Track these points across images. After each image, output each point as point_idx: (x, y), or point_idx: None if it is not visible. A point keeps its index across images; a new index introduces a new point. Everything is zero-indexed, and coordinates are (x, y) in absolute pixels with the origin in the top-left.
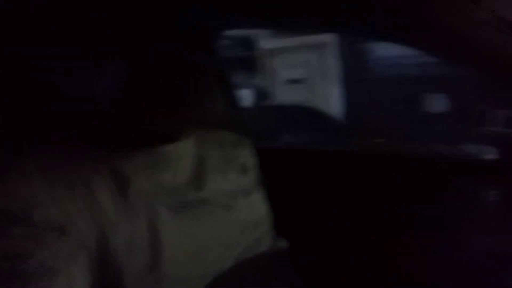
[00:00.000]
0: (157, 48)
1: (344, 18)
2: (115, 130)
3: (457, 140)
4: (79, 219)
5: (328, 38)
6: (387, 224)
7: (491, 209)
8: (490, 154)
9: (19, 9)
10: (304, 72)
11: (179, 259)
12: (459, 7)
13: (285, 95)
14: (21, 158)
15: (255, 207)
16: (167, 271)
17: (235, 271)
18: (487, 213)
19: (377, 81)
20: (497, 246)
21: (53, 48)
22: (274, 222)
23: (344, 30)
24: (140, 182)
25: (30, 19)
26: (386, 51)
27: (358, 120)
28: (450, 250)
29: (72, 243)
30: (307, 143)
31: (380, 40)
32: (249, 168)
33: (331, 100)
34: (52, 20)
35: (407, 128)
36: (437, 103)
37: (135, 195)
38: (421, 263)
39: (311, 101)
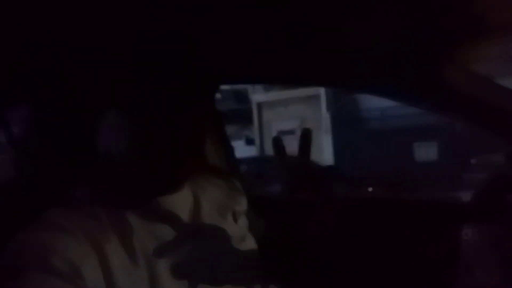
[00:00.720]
0: (163, 95)
1: (336, 73)
2: (120, 182)
3: (443, 186)
4: (90, 264)
5: (318, 90)
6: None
7: (472, 248)
8: (468, 197)
9: None
10: (296, 123)
11: None
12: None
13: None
14: (40, 209)
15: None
16: None
17: None
18: (468, 252)
19: (367, 131)
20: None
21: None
22: (266, 267)
23: (335, 84)
24: (141, 232)
25: None
26: (376, 102)
27: (349, 170)
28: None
29: (84, 285)
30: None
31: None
32: (241, 216)
33: (323, 150)
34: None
35: (397, 176)
36: (424, 152)
37: (137, 245)
38: None
39: None
